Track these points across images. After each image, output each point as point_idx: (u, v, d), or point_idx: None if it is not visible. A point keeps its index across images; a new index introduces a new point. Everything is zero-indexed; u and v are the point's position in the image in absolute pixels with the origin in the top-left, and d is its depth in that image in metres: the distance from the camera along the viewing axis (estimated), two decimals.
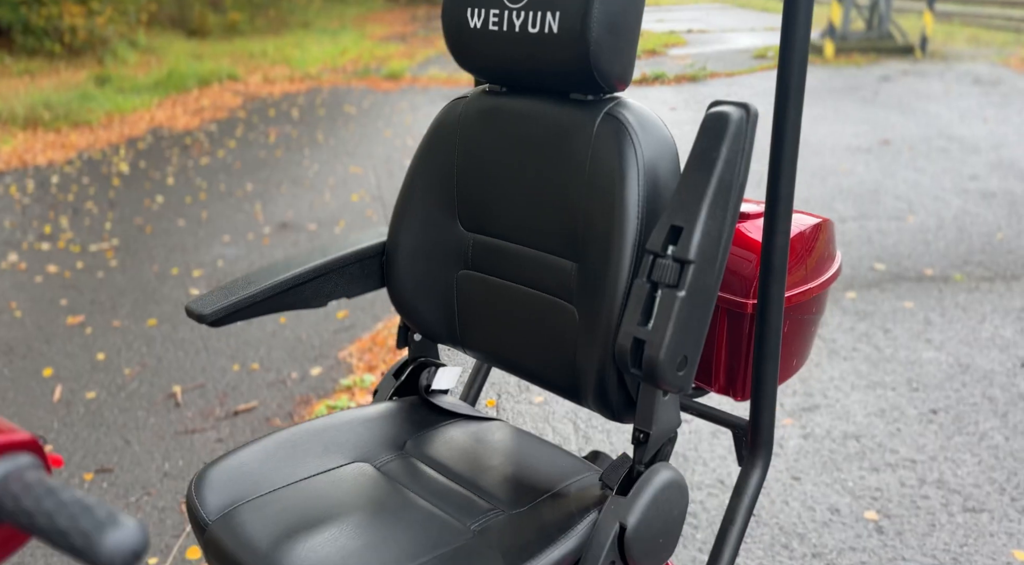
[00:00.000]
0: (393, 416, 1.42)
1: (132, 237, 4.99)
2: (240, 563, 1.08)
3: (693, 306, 1.03)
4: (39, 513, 0.57)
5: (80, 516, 0.56)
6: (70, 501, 0.57)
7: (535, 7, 1.11)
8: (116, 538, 0.55)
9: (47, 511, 0.57)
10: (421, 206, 1.35)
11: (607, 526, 1.10)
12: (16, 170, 6.75)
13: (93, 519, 0.56)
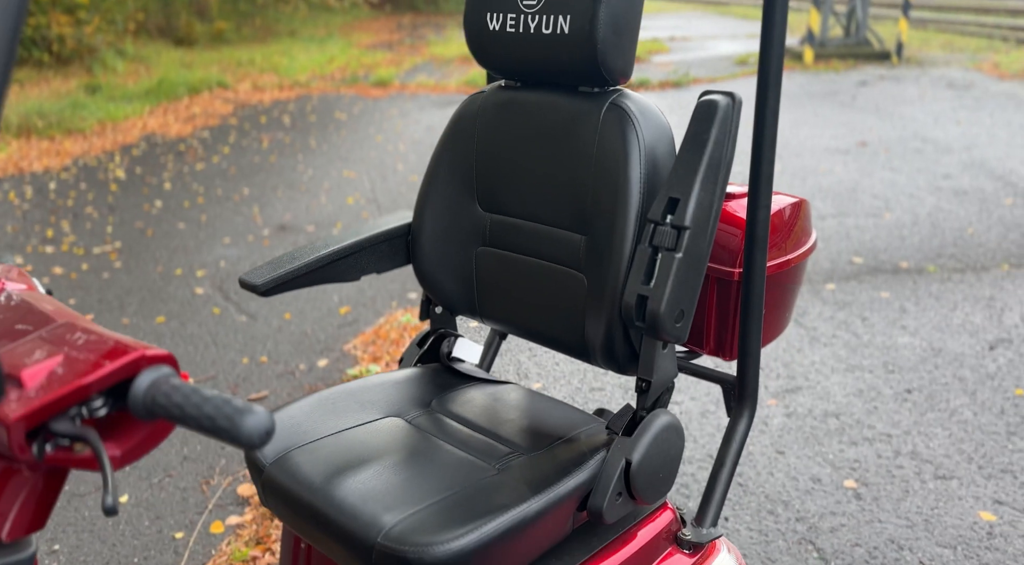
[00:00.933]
0: (418, 379, 1.58)
1: (134, 240, 5.11)
2: (296, 496, 1.24)
3: (689, 267, 1.20)
4: (188, 406, 0.73)
5: (222, 407, 0.72)
6: (212, 396, 0.73)
7: (548, 11, 1.28)
8: (253, 421, 0.71)
9: (195, 404, 0.73)
10: (443, 190, 1.51)
11: (615, 461, 1.26)
12: (13, 177, 6.85)
13: (233, 408, 0.72)
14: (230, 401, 0.72)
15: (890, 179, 5.83)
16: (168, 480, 2.65)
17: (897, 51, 12.22)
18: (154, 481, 2.65)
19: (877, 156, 6.51)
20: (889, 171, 6.05)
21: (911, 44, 14.06)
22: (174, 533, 2.40)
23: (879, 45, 12.72)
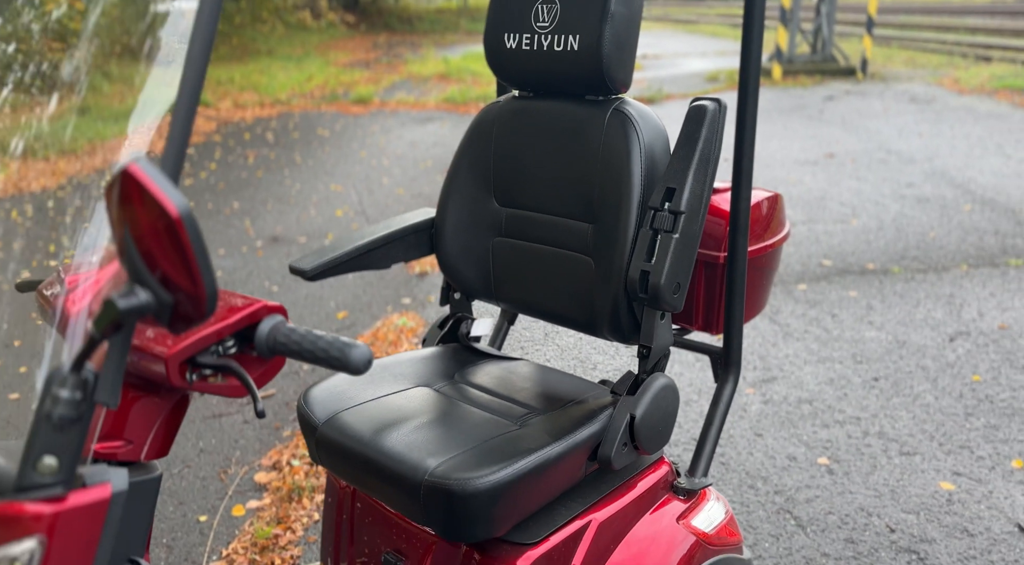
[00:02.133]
0: (441, 356, 1.77)
1: None
2: (347, 449, 1.42)
3: (684, 246, 1.41)
4: (306, 343, 0.93)
5: (334, 342, 0.92)
6: (324, 335, 0.93)
7: (559, 31, 1.49)
8: (359, 352, 0.91)
9: (312, 341, 0.93)
10: (464, 187, 1.72)
11: (621, 416, 1.47)
12: (14, 196, 6.95)
13: (343, 343, 0.92)
14: (339, 338, 0.92)
15: (856, 188, 6.13)
16: (187, 470, 2.81)
17: (862, 67, 12.64)
18: (174, 471, 2.81)
19: (844, 167, 6.82)
20: (855, 180, 6.35)
21: (875, 60, 14.54)
22: (198, 517, 2.57)
23: (844, 61, 13.15)
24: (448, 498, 1.26)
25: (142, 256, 0.73)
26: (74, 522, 0.76)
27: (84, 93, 11.96)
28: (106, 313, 0.72)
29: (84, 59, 1.09)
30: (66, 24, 12.95)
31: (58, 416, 0.75)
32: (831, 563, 2.24)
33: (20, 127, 7.17)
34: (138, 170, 0.70)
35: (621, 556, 1.50)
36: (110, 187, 0.74)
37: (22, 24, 12.10)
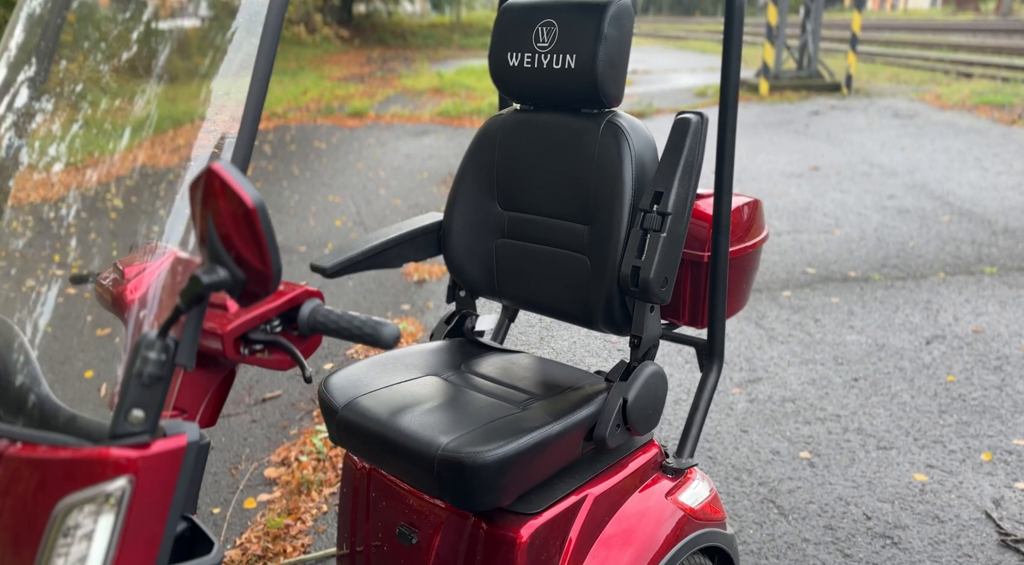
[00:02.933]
0: (447, 349, 1.92)
1: None
2: (366, 429, 1.56)
3: (671, 244, 1.56)
4: (343, 322, 1.07)
5: (367, 321, 1.06)
6: (358, 316, 1.07)
7: (558, 51, 1.65)
8: (389, 330, 1.06)
9: (348, 320, 1.07)
10: (469, 193, 1.87)
11: (614, 400, 1.61)
12: (13, 207, 7.06)
13: (375, 322, 1.06)
14: (371, 318, 1.07)
15: (840, 199, 6.32)
16: None
17: (847, 83, 12.90)
18: None
19: (828, 179, 7.01)
20: (839, 192, 6.54)
21: (860, 76, 14.82)
22: (211, 509, 2.69)
23: (830, 77, 13.41)
24: (459, 470, 1.40)
25: (221, 240, 0.87)
26: (157, 466, 0.90)
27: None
28: (191, 287, 0.87)
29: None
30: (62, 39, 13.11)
31: (147, 375, 0.89)
32: (811, 548, 2.38)
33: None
34: (220, 168, 0.85)
35: (614, 528, 1.64)
36: (195, 184, 0.88)
37: None
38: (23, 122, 1.33)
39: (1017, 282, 4.47)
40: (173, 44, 1.21)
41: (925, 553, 2.34)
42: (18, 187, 1.35)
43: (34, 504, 0.88)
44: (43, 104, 1.34)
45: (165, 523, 0.91)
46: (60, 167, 1.41)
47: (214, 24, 1.19)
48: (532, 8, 1.69)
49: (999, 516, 2.50)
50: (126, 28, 1.29)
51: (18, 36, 1.32)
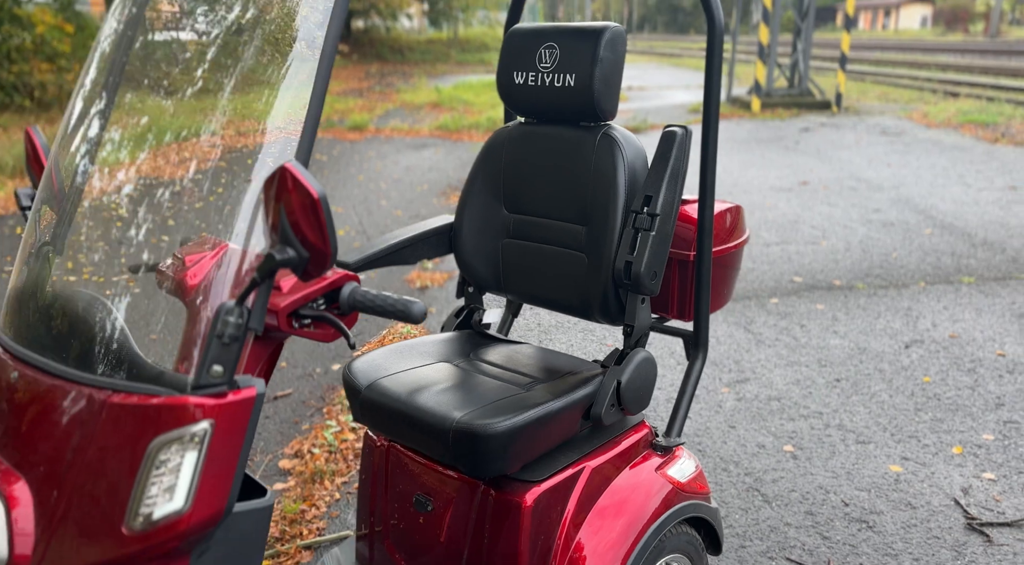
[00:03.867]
0: (457, 339, 2.10)
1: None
2: (386, 406, 1.74)
3: (660, 241, 1.75)
4: (379, 301, 1.25)
5: (400, 300, 1.25)
6: (391, 295, 1.26)
7: (559, 71, 1.84)
8: (418, 307, 1.24)
9: (383, 298, 1.25)
10: (478, 198, 2.05)
11: (609, 382, 1.80)
12: (15, 215, 7.23)
13: (405, 300, 1.24)
14: (403, 298, 1.25)
15: (827, 213, 6.53)
16: None
17: (836, 101, 13.18)
18: None
19: (816, 193, 7.23)
20: (827, 206, 6.75)
21: (850, 95, 15.11)
22: None
23: (820, 95, 13.69)
24: (472, 439, 1.58)
25: (291, 225, 1.05)
26: (232, 412, 1.08)
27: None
28: (267, 263, 1.05)
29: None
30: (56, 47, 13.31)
31: (227, 335, 1.07)
32: (792, 531, 2.56)
33: (18, 146, 7.46)
34: (291, 166, 1.03)
35: (609, 498, 1.82)
36: (269, 180, 1.07)
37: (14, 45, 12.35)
38: (95, 148, 1.51)
39: (993, 291, 4.67)
40: (236, 72, 1.40)
41: (897, 536, 2.52)
42: (95, 195, 1.53)
43: (132, 443, 1.05)
44: (111, 133, 1.53)
45: (238, 460, 1.09)
46: (125, 176, 1.59)
47: (274, 49, 1.38)
48: (536, 32, 1.89)
49: (967, 502, 2.68)
50: (193, 60, 1.48)
51: (92, 73, 1.50)
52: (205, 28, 1.49)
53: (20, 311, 1.32)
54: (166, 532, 1.05)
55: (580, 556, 1.76)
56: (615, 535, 1.79)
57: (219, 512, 1.08)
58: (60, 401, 1.10)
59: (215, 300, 1.15)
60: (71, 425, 1.08)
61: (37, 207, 1.47)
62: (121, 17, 1.52)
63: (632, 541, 1.79)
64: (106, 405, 1.07)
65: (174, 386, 1.08)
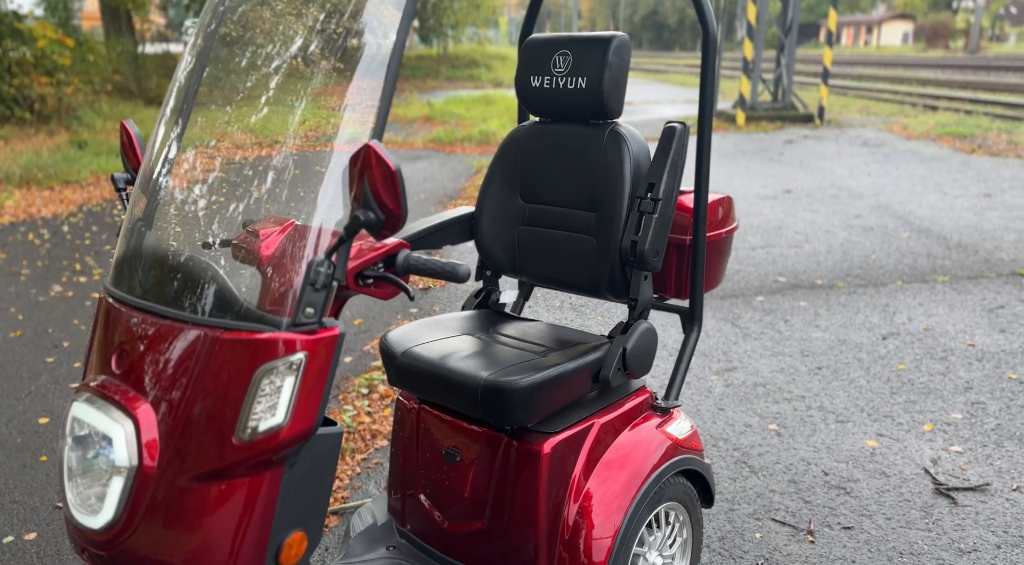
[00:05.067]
0: (477, 316, 2.34)
1: None
2: (420, 369, 1.97)
3: (661, 223, 2.00)
4: (430, 263, 1.50)
5: (447, 263, 1.49)
6: (439, 259, 1.50)
7: (571, 74, 2.09)
8: (462, 268, 1.49)
9: (433, 262, 1.50)
10: (496, 189, 2.30)
11: (616, 348, 2.04)
12: (25, 221, 7.43)
13: (452, 264, 1.49)
14: (451, 261, 1.49)
15: (810, 219, 6.83)
16: None
17: (819, 114, 13.55)
18: None
19: (799, 201, 7.53)
20: (809, 212, 7.05)
21: (832, 108, 15.51)
22: None
23: (803, 109, 14.06)
24: (499, 394, 1.82)
25: (372, 194, 1.29)
26: (322, 346, 1.31)
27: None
28: (352, 224, 1.29)
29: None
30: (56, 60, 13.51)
31: (319, 283, 1.31)
32: (776, 496, 2.81)
33: (23, 156, 7.69)
34: (374, 144, 1.28)
35: (614, 452, 2.06)
36: (355, 157, 1.31)
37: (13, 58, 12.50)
38: (177, 146, 1.75)
39: (965, 289, 4.96)
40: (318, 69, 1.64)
41: (872, 500, 2.78)
42: (180, 187, 1.76)
43: (241, 370, 1.29)
44: (192, 132, 1.76)
45: (325, 386, 1.33)
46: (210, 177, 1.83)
47: (350, 55, 1.62)
48: (551, 42, 2.15)
49: (936, 471, 2.94)
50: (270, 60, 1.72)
51: (172, 102, 1.75)
52: (276, 42, 1.73)
53: (131, 272, 1.56)
54: (268, 443, 1.28)
55: (590, 502, 2.00)
56: (620, 484, 2.03)
57: (309, 428, 1.32)
58: (178, 339, 1.34)
59: (306, 257, 1.38)
60: (188, 357, 1.32)
61: (136, 190, 1.70)
62: (201, 32, 1.76)
63: (635, 489, 2.03)
64: (219, 341, 1.31)
65: (274, 325, 1.32)
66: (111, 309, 1.48)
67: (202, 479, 1.29)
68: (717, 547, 2.54)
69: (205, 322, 1.34)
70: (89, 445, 1.34)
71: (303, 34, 1.69)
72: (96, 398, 1.36)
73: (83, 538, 1.37)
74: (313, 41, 1.67)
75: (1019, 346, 4.06)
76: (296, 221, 1.66)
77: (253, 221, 1.85)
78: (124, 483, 1.30)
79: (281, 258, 1.52)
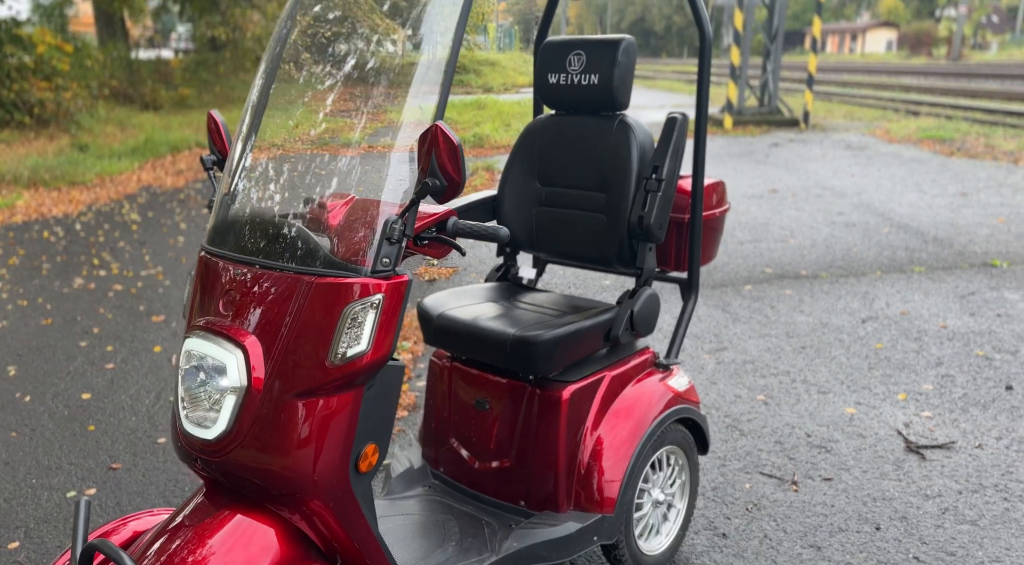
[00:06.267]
0: (499, 287, 2.63)
1: (172, 266, 6.03)
2: (455, 328, 2.26)
3: (664, 200, 2.30)
4: (475, 228, 1.79)
5: (489, 227, 1.79)
6: (481, 224, 1.79)
7: (585, 72, 2.39)
8: (503, 231, 1.78)
9: (479, 227, 1.79)
10: (517, 174, 2.59)
11: (624, 311, 2.34)
12: (38, 220, 7.67)
13: (494, 227, 1.78)
14: (493, 224, 1.79)
15: (795, 216, 7.16)
16: None
17: (804, 118, 13.93)
18: None
19: (785, 200, 7.87)
20: (795, 210, 7.39)
21: (817, 113, 15.91)
22: None
23: (789, 113, 14.44)
24: (527, 345, 2.12)
25: (438, 165, 1.58)
26: (395, 289, 1.60)
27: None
28: (423, 189, 1.58)
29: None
30: (55, 66, 13.74)
31: (394, 238, 1.59)
32: (764, 454, 3.11)
33: (29, 158, 8.01)
34: (441, 124, 1.57)
35: (622, 402, 2.36)
36: (424, 135, 1.59)
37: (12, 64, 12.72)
38: (256, 133, 2.04)
39: (940, 278, 5.30)
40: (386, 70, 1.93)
41: (850, 456, 3.08)
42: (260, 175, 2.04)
43: (332, 308, 1.57)
44: (272, 121, 2.05)
45: (397, 322, 1.62)
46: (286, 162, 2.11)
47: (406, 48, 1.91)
48: (566, 43, 2.45)
49: (907, 433, 3.25)
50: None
51: (253, 96, 2.04)
52: (349, 45, 2.03)
53: (228, 235, 1.83)
54: (353, 366, 1.57)
55: (601, 443, 2.29)
56: (628, 428, 2.32)
57: (385, 356, 1.61)
58: (279, 285, 1.62)
59: (381, 217, 1.66)
60: (288, 299, 1.60)
61: (226, 171, 1.98)
62: (281, 33, 2.05)
63: (640, 432, 2.32)
64: (314, 285, 1.59)
65: (358, 272, 1.60)
66: (212, 264, 1.76)
67: (300, 396, 1.58)
68: (711, 495, 2.84)
69: (302, 271, 1.62)
70: (204, 371, 1.62)
71: (373, 39, 1.99)
72: (209, 334, 1.64)
73: (196, 449, 1.66)
74: (379, 46, 1.96)
75: (987, 327, 4.40)
76: (355, 195, 1.95)
77: (314, 199, 2.14)
78: (236, 400, 1.59)
79: (355, 221, 1.80)
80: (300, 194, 2.10)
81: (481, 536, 2.17)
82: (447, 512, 2.30)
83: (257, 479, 1.63)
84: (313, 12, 2.11)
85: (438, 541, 2.16)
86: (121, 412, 3.57)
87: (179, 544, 1.63)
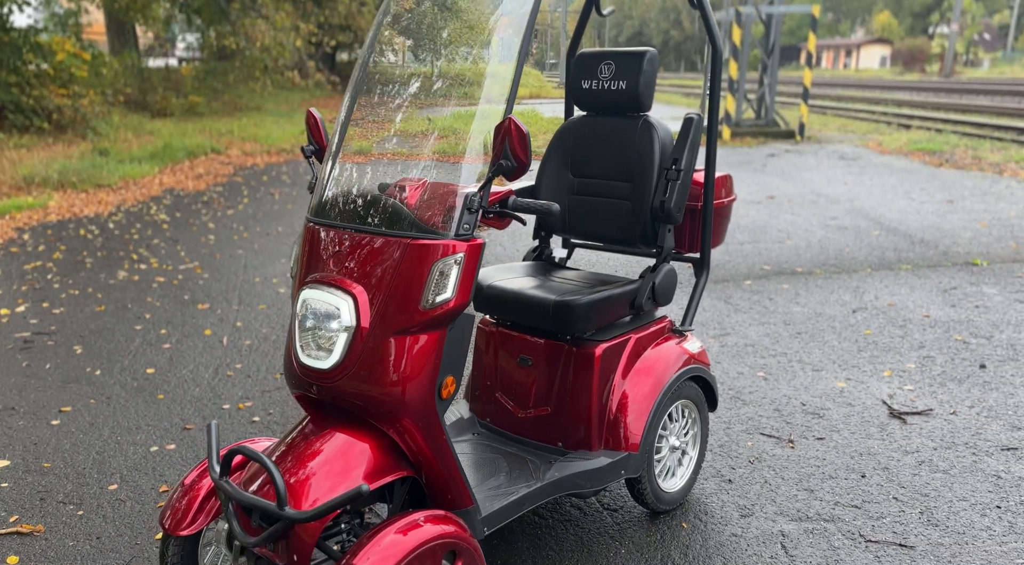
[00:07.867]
0: (536, 265, 3.03)
1: (207, 261, 6.42)
2: (502, 297, 2.65)
3: (682, 188, 2.70)
4: (532, 204, 2.19)
5: (542, 203, 2.19)
6: (535, 201, 2.20)
7: (615, 78, 2.80)
8: (555, 206, 2.18)
9: (533, 202, 2.19)
10: (552, 167, 3.00)
11: (646, 283, 2.74)
12: (71, 220, 8.06)
13: (547, 203, 2.18)
14: (545, 201, 2.19)
15: (791, 220, 7.59)
16: None
17: (800, 131, 14.40)
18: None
19: (782, 205, 8.30)
20: (791, 215, 7.81)
21: (812, 126, 16.39)
22: None
23: (785, 126, 14.91)
24: (568, 309, 2.52)
25: (510, 150, 1.98)
26: (474, 250, 1.99)
27: None
28: (497, 168, 1.98)
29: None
30: (73, 73, 14.15)
31: (473, 207, 1.99)
32: (764, 419, 3.51)
33: (55, 163, 8.44)
34: (514, 118, 1.97)
35: (644, 362, 2.75)
36: (499, 126, 1.99)
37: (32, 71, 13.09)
38: (347, 131, 2.44)
39: (925, 275, 5.72)
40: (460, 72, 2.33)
41: (839, 421, 3.49)
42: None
43: (423, 264, 1.97)
44: (363, 118, 2.45)
45: (474, 277, 2.01)
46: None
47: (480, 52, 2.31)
48: (598, 55, 2.86)
49: (891, 402, 3.66)
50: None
51: (347, 100, 2.44)
52: (430, 54, 2.43)
53: (331, 208, 2.22)
54: (441, 309, 1.97)
55: (627, 396, 2.69)
56: (650, 382, 2.72)
57: (464, 303, 2.01)
58: (379, 246, 2.02)
59: (461, 191, 2.06)
60: (388, 257, 2.00)
61: (326, 158, 2.38)
62: (370, 48, 2.46)
63: (660, 386, 2.72)
64: (408, 246, 1.99)
65: (444, 236, 2.00)
66: (319, 231, 2.16)
67: (398, 333, 1.97)
68: (718, 451, 3.23)
69: (399, 234, 2.02)
70: (320, 314, 2.02)
71: (449, 51, 2.39)
72: (322, 285, 2.04)
73: (313, 377, 2.05)
74: (454, 57, 2.37)
75: (966, 317, 4.81)
76: (427, 180, 2.35)
77: (388, 185, 2.54)
78: (347, 337, 1.98)
79: (437, 197, 2.20)
80: (385, 177, 2.50)
81: (527, 469, 2.57)
82: (495, 452, 2.70)
83: (361, 401, 2.03)
84: (399, 27, 2.51)
85: (491, 472, 2.55)
86: (185, 384, 3.96)
87: (294, 452, 2.02)
